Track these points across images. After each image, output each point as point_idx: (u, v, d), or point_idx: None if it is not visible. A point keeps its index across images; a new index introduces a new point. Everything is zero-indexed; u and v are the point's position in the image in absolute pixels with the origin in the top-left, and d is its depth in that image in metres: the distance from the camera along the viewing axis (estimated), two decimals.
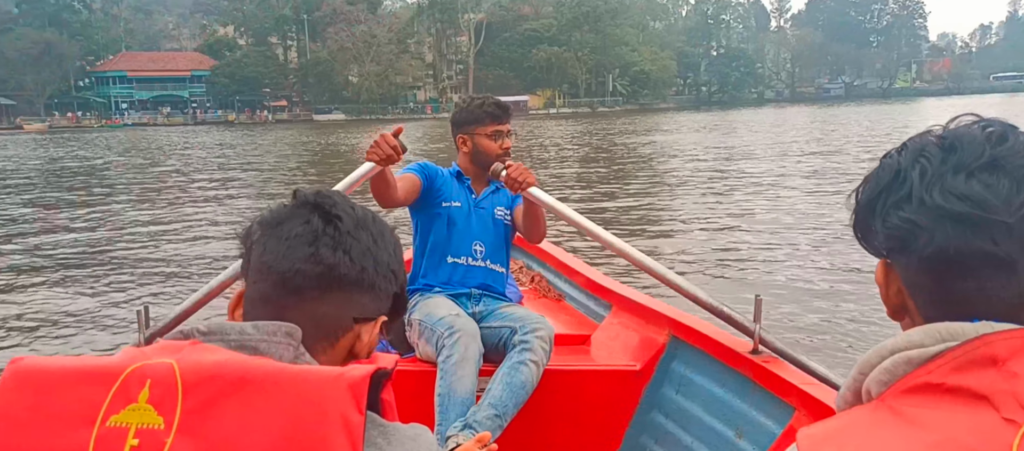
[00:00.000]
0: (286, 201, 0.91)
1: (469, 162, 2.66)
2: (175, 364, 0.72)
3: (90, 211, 12.66)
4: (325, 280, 0.86)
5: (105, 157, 27.17)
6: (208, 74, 77.16)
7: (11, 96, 70.82)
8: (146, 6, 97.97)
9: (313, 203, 0.89)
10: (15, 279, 7.58)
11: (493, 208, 2.68)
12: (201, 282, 6.64)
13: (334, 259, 0.86)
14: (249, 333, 0.79)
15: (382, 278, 0.90)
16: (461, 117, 2.65)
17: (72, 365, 0.75)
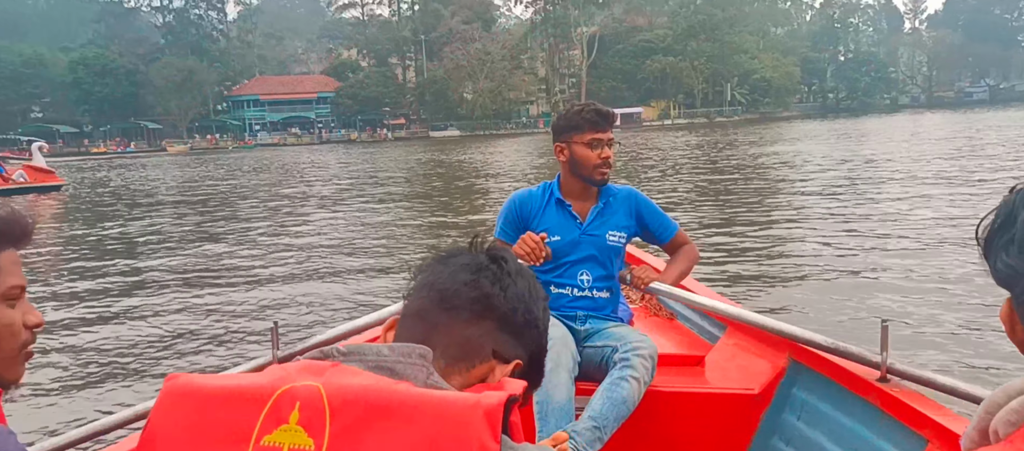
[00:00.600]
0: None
1: (568, 173, 2.52)
2: (321, 387, 0.74)
3: (225, 227, 13.24)
4: (478, 306, 0.91)
5: (236, 176, 28.73)
6: (332, 95, 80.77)
7: (158, 120, 76.98)
8: (278, 33, 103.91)
9: (483, 249, 0.97)
10: (156, 292, 7.95)
11: (605, 232, 2.51)
12: (327, 299, 6.65)
13: (490, 290, 0.91)
14: (385, 355, 0.82)
15: (528, 327, 0.94)
16: (560, 124, 2.52)
17: (226, 384, 0.78)
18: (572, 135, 2.46)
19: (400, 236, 11.22)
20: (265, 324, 5.90)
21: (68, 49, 78.54)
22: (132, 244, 11.78)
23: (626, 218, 2.54)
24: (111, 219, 15.62)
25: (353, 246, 10.41)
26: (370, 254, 9.81)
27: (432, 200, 16.34)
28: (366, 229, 12.14)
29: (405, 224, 12.50)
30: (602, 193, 2.54)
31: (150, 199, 20.15)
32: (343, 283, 7.97)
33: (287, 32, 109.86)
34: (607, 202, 2.52)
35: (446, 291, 0.92)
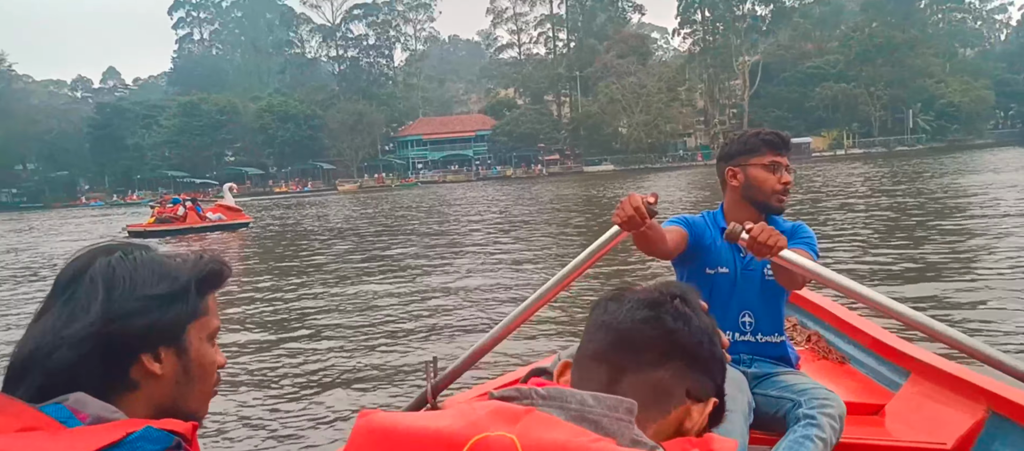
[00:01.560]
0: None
1: (738, 199, 2.36)
2: (516, 440, 0.71)
3: (386, 261, 13.46)
4: (664, 344, 0.87)
5: (398, 213, 29.67)
6: (489, 133, 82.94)
7: (332, 161, 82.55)
8: (440, 75, 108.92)
9: (665, 284, 0.94)
10: (321, 322, 8.19)
11: (763, 266, 2.30)
12: (483, 331, 6.33)
13: (674, 326, 0.87)
14: (590, 404, 0.78)
15: (715, 362, 0.91)
16: (733, 147, 2.38)
17: (418, 426, 0.77)
18: (748, 158, 2.32)
19: (553, 273, 10.71)
20: (417, 358, 6.13)
21: (258, 98, 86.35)
22: (303, 277, 12.19)
23: None
24: (287, 253, 16.38)
25: (507, 282, 10.25)
26: (524, 290, 9.51)
27: (587, 236, 15.72)
28: (520, 265, 11.91)
29: (560, 260, 12.01)
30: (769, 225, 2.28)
31: (321, 235, 21.05)
32: (498, 319, 7.54)
33: (449, 74, 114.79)
34: None
35: (626, 332, 0.88)
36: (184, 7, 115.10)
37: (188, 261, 0.92)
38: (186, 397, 0.90)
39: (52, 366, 0.82)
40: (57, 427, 0.77)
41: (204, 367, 0.92)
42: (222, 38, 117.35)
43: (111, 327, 0.83)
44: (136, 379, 0.86)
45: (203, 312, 0.92)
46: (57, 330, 0.84)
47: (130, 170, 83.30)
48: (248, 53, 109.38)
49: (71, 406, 0.80)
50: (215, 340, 0.94)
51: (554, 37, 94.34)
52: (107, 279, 0.86)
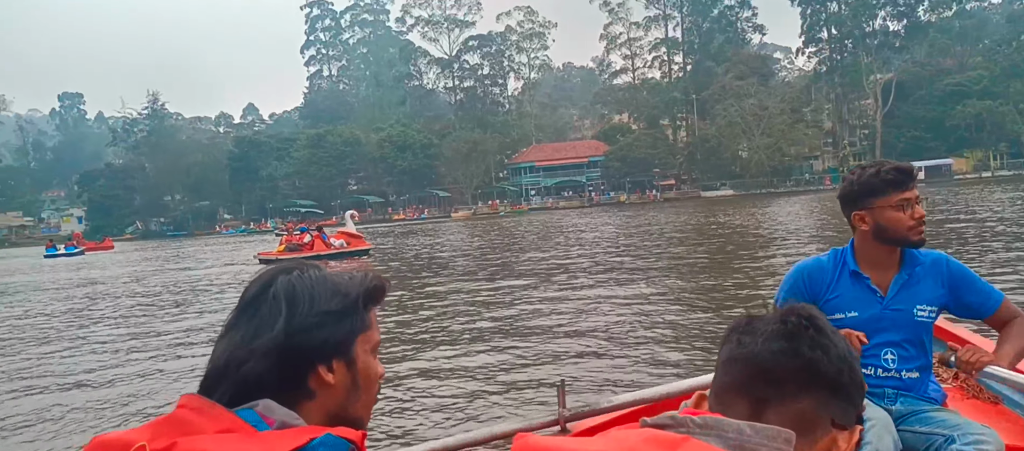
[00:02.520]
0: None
1: (869, 240, 2.27)
2: None
3: (501, 286, 13.46)
4: (804, 375, 0.86)
5: (510, 239, 29.64)
6: (602, 159, 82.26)
7: (448, 189, 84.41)
8: (554, 102, 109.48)
9: (792, 308, 0.91)
10: (440, 347, 8.29)
11: (913, 306, 2.23)
12: (616, 356, 6.53)
13: (813, 355, 0.86)
14: (747, 434, 0.77)
15: (856, 389, 0.89)
16: (855, 191, 2.30)
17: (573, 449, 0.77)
18: (874, 201, 2.24)
19: (672, 303, 10.37)
20: (546, 380, 6.19)
21: (380, 129, 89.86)
22: (419, 302, 12.34)
23: (936, 288, 2.26)
24: (405, 279, 16.58)
25: (625, 311, 9.90)
26: (642, 318, 9.24)
27: (712, 265, 14.93)
28: (633, 294, 11.45)
29: (678, 291, 11.44)
30: (905, 261, 2.28)
31: (436, 260, 21.44)
32: (620, 347, 7.74)
33: (562, 101, 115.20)
34: (912, 272, 2.25)
35: (764, 364, 0.87)
36: (314, 45, 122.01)
37: (355, 278, 0.98)
38: (354, 406, 0.96)
39: (242, 376, 0.89)
40: (250, 430, 0.84)
41: (369, 377, 0.97)
42: (348, 73, 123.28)
43: (293, 340, 0.90)
44: (313, 388, 0.92)
45: (368, 326, 0.98)
46: (246, 343, 0.91)
47: (263, 199, 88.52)
48: (371, 86, 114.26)
49: (261, 411, 0.87)
50: (376, 352, 1.00)
51: (669, 60, 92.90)
52: (289, 296, 0.93)
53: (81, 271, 29.28)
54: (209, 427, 0.83)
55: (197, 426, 0.83)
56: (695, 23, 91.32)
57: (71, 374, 8.31)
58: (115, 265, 32.07)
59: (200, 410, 0.86)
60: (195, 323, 11.82)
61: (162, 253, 41.02)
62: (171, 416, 0.86)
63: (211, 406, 0.86)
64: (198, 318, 12.51)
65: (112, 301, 16.42)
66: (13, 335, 12.02)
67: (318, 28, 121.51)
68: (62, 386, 7.70)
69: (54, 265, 36.21)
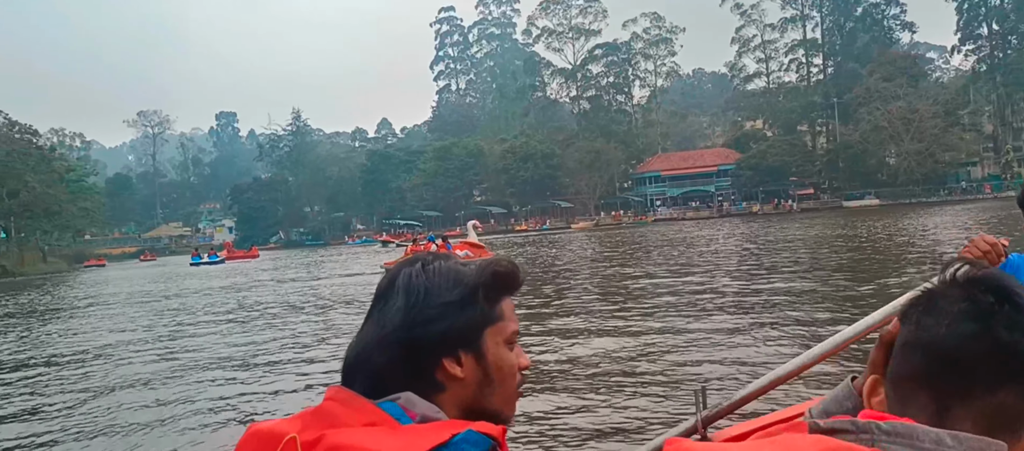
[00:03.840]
0: (939, 279, 0.81)
1: None
2: None
3: (624, 298, 13.01)
4: (1002, 362, 0.73)
5: (631, 249, 28.49)
6: (733, 168, 78.81)
7: (570, 200, 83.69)
8: (682, 110, 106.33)
9: (980, 279, 0.79)
10: (568, 356, 8.14)
11: None
12: (753, 366, 6.56)
13: (1011, 338, 0.73)
14: (948, 445, 0.67)
15: None
16: None
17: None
18: None
19: (819, 319, 9.38)
20: (686, 388, 6.13)
21: (503, 140, 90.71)
22: (548, 308, 12.24)
23: None
24: (527, 287, 16.15)
25: (765, 325, 9.21)
26: (786, 332, 8.67)
27: (868, 281, 13.35)
28: (775, 308, 10.57)
29: (827, 314, 10.22)
30: None
31: (555, 269, 21.01)
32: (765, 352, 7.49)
33: (692, 108, 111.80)
34: None
35: (950, 352, 0.74)
36: (443, 60, 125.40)
37: (476, 267, 0.96)
38: (489, 399, 0.94)
39: (371, 369, 0.91)
40: (393, 424, 0.85)
41: (503, 370, 0.94)
42: (475, 86, 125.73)
43: (413, 333, 0.90)
44: (441, 381, 0.91)
45: (498, 317, 0.95)
46: (373, 337, 0.93)
47: (392, 210, 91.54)
48: (496, 99, 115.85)
49: (403, 405, 0.88)
50: (514, 344, 0.97)
51: (808, 63, 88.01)
52: (407, 289, 0.93)
53: (227, 278, 30.91)
54: (354, 420, 0.85)
55: (343, 418, 0.85)
56: (836, 23, 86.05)
57: (226, 366, 9.11)
58: (257, 272, 33.71)
59: (346, 402, 0.87)
60: (317, 327, 12.26)
61: (298, 261, 42.87)
62: (319, 408, 0.88)
63: (356, 398, 0.88)
64: (325, 323, 12.89)
65: (261, 304, 16.97)
66: (186, 335, 12.47)
67: (447, 43, 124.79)
68: (219, 379, 8.38)
69: (199, 273, 38.66)
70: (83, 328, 15.04)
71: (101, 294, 26.26)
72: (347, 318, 13.20)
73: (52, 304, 23.14)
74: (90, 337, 13.42)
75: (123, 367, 9.64)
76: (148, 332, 13.47)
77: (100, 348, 11.67)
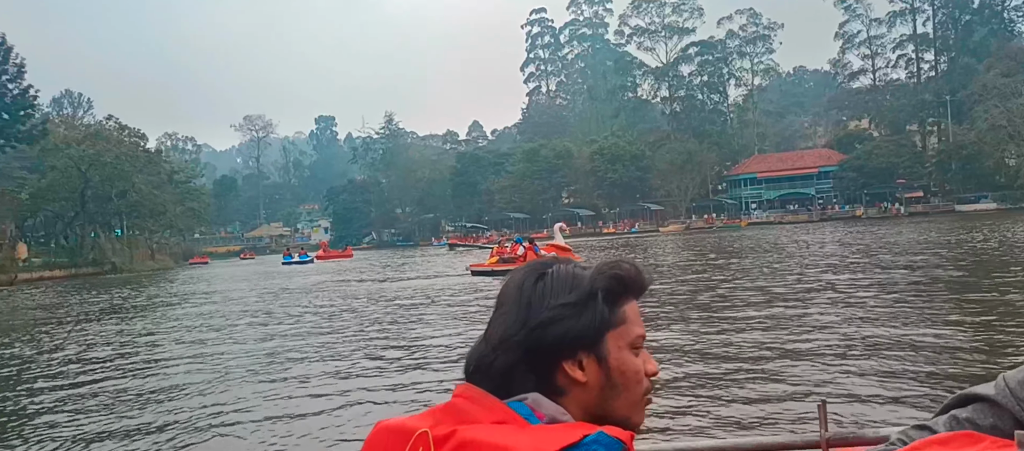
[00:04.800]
0: None
1: None
2: None
3: (732, 305, 12.58)
4: None
5: (722, 255, 27.28)
6: (835, 169, 75.00)
7: (660, 202, 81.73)
8: (781, 109, 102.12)
9: None
10: (677, 366, 7.94)
11: None
12: (882, 380, 6.46)
13: None
14: None
15: None
16: None
17: None
18: None
19: (932, 340, 8.57)
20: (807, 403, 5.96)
21: (593, 141, 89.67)
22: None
23: None
24: None
25: (880, 337, 8.76)
26: (905, 345, 8.16)
27: (981, 292, 12.11)
28: (886, 321, 9.88)
29: (954, 331, 9.23)
30: None
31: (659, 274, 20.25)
32: (887, 370, 7.09)
33: (792, 107, 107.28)
34: None
35: None
36: (534, 62, 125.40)
37: (595, 270, 0.95)
38: (613, 405, 0.92)
39: (494, 371, 0.90)
40: (522, 422, 0.84)
41: (627, 376, 0.92)
42: (565, 88, 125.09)
43: (531, 336, 0.89)
44: (562, 385, 0.90)
45: (620, 320, 0.93)
46: (494, 339, 0.92)
47: (481, 212, 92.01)
48: (586, 100, 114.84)
49: (531, 405, 0.87)
50: (640, 348, 0.95)
51: (918, 59, 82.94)
52: (527, 291, 0.92)
53: (319, 277, 31.60)
54: (484, 417, 0.85)
55: (473, 415, 0.85)
56: (950, 16, 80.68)
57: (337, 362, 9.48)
58: (342, 271, 34.35)
59: (475, 400, 0.88)
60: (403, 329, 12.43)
61: (388, 262, 43.53)
62: (449, 404, 0.89)
63: (485, 396, 0.88)
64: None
65: (363, 306, 17.11)
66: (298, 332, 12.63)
67: (538, 45, 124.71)
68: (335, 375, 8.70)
69: (291, 271, 39.80)
70: (172, 325, 15.47)
71: (198, 290, 27.27)
72: (432, 318, 13.19)
73: (136, 301, 24.12)
74: (174, 334, 13.72)
75: (223, 360, 10.10)
76: (250, 329, 13.62)
77: (197, 343, 12.15)
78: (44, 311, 21.48)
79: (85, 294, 28.68)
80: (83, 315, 18.56)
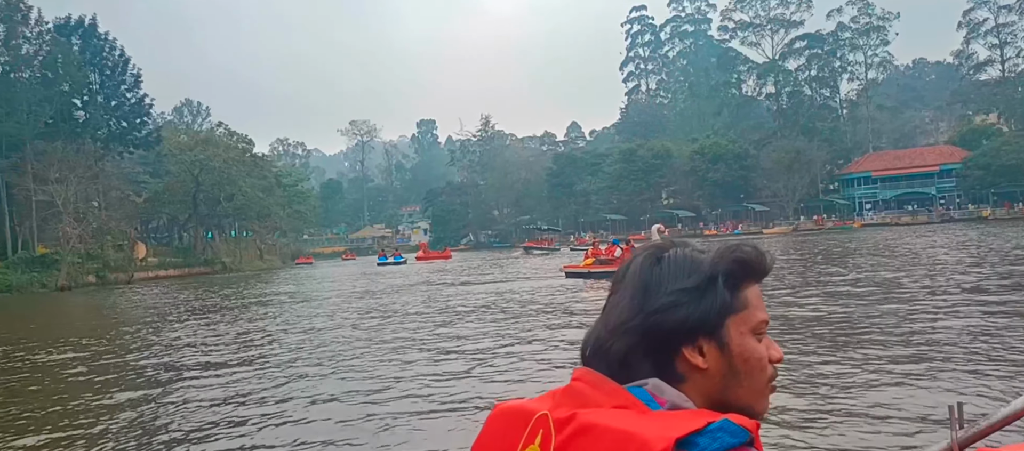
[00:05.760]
0: None
1: None
2: None
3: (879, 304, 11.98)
4: None
5: (827, 259, 25.50)
6: (958, 167, 69.53)
7: (765, 203, 78.16)
8: (899, 104, 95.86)
9: None
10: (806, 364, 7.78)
11: None
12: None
13: None
14: None
15: None
16: None
17: None
18: None
19: None
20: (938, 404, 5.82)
21: (694, 140, 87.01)
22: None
23: None
24: None
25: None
26: None
27: None
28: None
29: None
30: None
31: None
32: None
33: (911, 102, 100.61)
34: None
35: None
36: (633, 61, 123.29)
37: (714, 253, 0.92)
38: (735, 392, 0.90)
39: (612, 356, 0.89)
40: (643, 408, 0.83)
41: (749, 362, 0.90)
42: (666, 86, 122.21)
43: (649, 320, 0.87)
44: (682, 372, 0.88)
45: (742, 305, 0.90)
46: (610, 323, 0.90)
47: (577, 213, 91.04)
48: (687, 98, 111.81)
49: (651, 390, 0.86)
50: (763, 334, 0.92)
51: None
52: (644, 275, 0.90)
53: (416, 277, 31.90)
54: (605, 401, 0.84)
55: (593, 399, 0.84)
56: None
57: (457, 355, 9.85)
58: (444, 273, 34.55)
59: (595, 385, 0.87)
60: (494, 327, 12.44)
61: (484, 263, 43.57)
62: (568, 388, 0.88)
63: (605, 381, 0.87)
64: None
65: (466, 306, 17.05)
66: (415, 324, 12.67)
67: (638, 43, 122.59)
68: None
69: (388, 272, 40.45)
70: (297, 318, 15.79)
71: (309, 288, 27.97)
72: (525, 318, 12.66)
73: (230, 300, 24.85)
74: (293, 324, 13.90)
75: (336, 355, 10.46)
76: (367, 328, 13.65)
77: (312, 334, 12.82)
78: (152, 307, 22.56)
79: (189, 292, 30.05)
80: (185, 310, 19.28)
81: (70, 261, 42.52)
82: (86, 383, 9.32)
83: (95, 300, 30.21)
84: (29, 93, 43.90)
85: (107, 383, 9.26)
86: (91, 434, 6.67)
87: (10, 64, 43.98)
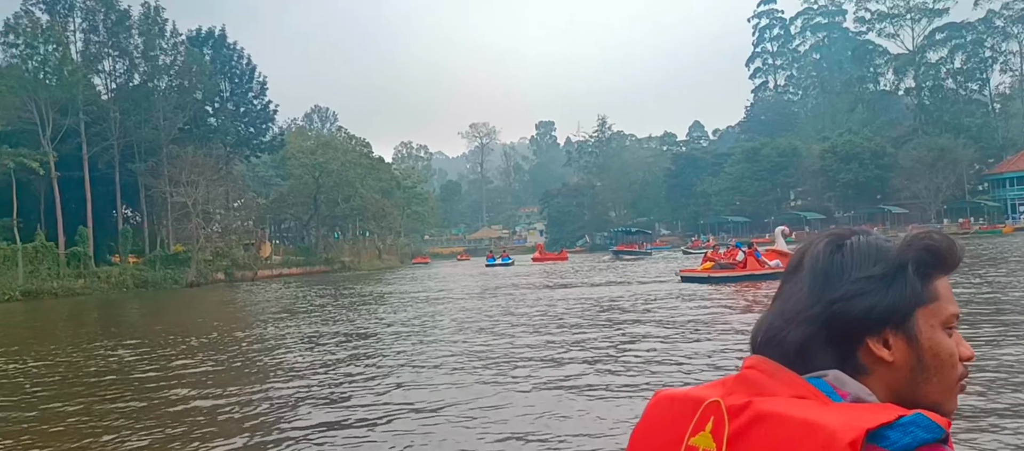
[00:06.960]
0: None
1: None
2: None
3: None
4: None
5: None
6: None
7: (905, 204, 72.11)
8: None
9: None
10: None
11: None
12: None
13: None
14: None
15: None
16: None
17: None
18: None
19: None
20: None
21: (825, 138, 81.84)
22: None
23: None
24: None
25: None
26: None
27: None
28: None
29: None
30: None
31: None
32: None
33: None
34: None
35: None
36: (760, 57, 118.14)
37: (903, 241, 0.88)
38: (923, 388, 0.85)
39: (788, 345, 0.85)
40: (825, 399, 0.79)
41: (939, 357, 0.85)
42: (796, 82, 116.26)
43: (830, 309, 0.84)
44: (866, 364, 0.84)
45: (932, 297, 0.86)
46: (785, 311, 0.87)
47: (697, 215, 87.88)
48: (819, 94, 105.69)
49: (831, 382, 0.82)
50: (953, 328, 0.88)
51: None
52: (826, 262, 0.86)
53: (534, 278, 31.63)
54: (782, 390, 0.81)
55: (770, 388, 0.81)
56: None
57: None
58: (554, 274, 34.06)
59: (770, 373, 0.83)
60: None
61: (596, 265, 42.67)
62: (741, 376, 0.85)
63: (780, 369, 0.83)
64: None
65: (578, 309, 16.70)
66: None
67: (766, 38, 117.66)
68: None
69: (495, 273, 40.46)
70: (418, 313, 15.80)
71: (427, 287, 28.27)
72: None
73: (345, 297, 25.26)
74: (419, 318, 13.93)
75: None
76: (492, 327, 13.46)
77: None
78: (275, 301, 23.42)
79: (306, 289, 31.09)
80: (285, 309, 19.78)
81: (200, 259, 45.20)
82: (181, 381, 9.36)
83: (216, 295, 31.84)
84: (165, 101, 47.11)
85: (203, 379, 9.30)
86: (193, 435, 6.62)
87: (148, 74, 47.34)
